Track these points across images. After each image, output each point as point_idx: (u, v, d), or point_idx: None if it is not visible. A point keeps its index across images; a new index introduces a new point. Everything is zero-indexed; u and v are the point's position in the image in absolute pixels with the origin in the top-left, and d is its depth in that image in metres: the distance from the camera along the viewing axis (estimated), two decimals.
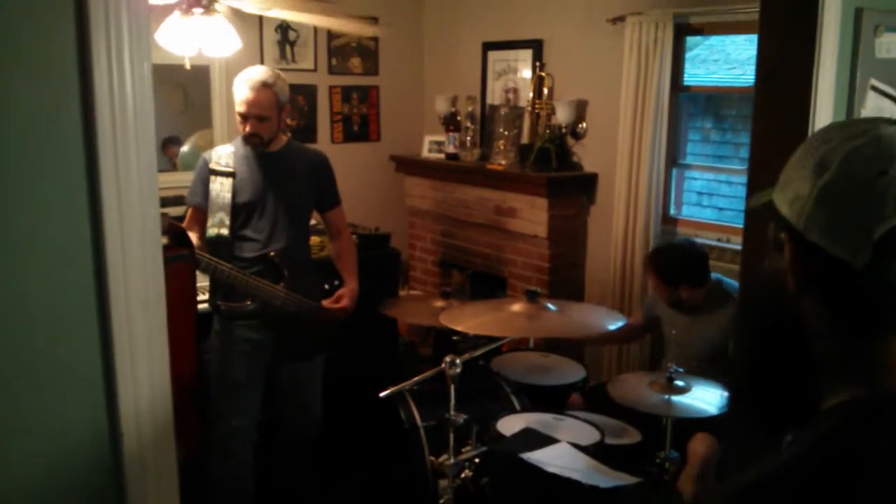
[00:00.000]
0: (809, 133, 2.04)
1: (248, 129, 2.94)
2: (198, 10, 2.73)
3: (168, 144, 4.54)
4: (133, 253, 0.94)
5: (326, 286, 3.15)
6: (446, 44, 5.25)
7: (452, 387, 2.44)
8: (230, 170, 3.00)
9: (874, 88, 2.09)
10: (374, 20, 5.19)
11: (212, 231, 2.95)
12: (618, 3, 3.96)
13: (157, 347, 0.98)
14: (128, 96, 0.98)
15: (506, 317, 2.86)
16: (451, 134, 4.96)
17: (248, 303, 2.95)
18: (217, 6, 2.81)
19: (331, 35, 5.09)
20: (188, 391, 1.19)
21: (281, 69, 4.83)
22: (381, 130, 5.42)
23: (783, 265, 0.89)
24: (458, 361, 2.40)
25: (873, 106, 2.10)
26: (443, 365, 2.43)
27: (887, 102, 2.08)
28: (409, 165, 5.23)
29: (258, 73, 2.93)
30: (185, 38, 2.79)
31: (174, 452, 1.04)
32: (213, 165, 3.00)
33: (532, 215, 4.31)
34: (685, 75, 4.04)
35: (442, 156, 5.00)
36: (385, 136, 5.43)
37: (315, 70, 5.07)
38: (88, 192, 0.96)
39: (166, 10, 2.83)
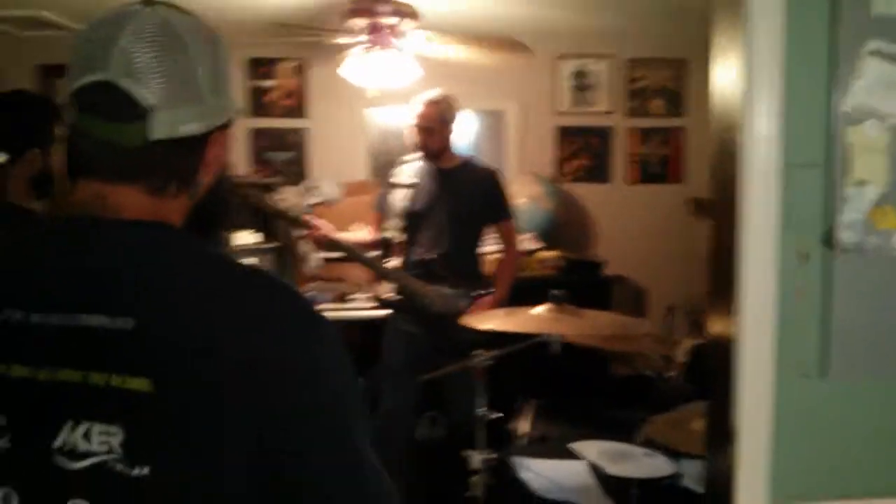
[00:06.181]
0: None
1: (417, 139, 3.38)
2: (376, 47, 3.28)
3: None
4: None
5: (473, 294, 3.35)
6: None
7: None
8: (410, 181, 3.46)
9: (879, 54, 1.66)
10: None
11: (384, 233, 3.44)
12: None
13: None
14: None
15: None
16: None
17: (398, 296, 3.35)
18: (396, 42, 3.32)
19: (631, 79, 5.18)
20: None
21: (575, 112, 5.18)
22: (684, 172, 5.25)
23: None
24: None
25: (876, 76, 1.69)
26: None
27: None
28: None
29: (430, 93, 3.36)
30: (365, 72, 3.36)
31: None
32: (395, 178, 3.50)
33: None
34: None
35: None
36: (690, 179, 5.24)
37: (611, 112, 5.20)
38: None
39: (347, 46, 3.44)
